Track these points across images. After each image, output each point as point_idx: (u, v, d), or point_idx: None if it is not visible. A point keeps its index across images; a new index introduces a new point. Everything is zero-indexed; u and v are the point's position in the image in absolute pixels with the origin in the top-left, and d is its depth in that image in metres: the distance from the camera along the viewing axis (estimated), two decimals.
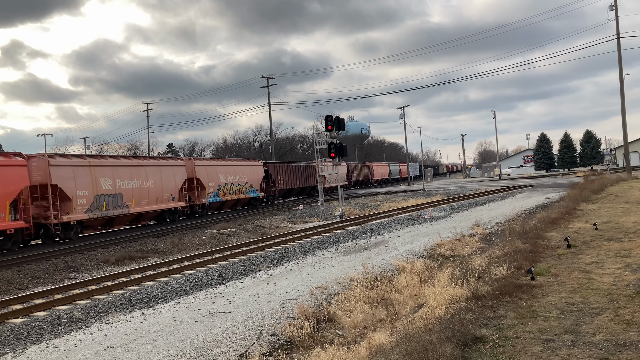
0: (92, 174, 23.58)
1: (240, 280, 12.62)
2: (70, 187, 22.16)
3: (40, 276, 15.18)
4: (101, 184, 23.92)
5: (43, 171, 21.46)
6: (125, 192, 25.27)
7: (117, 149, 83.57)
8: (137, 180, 26.19)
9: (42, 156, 22.01)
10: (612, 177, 39.08)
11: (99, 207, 23.70)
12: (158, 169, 28.09)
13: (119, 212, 24.81)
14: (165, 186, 28.23)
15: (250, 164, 38.14)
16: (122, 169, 25.67)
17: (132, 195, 25.77)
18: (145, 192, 26.70)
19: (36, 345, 8.32)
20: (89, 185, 23.20)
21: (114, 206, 24.48)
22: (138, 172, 26.56)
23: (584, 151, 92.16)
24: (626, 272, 8.93)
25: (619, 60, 44.55)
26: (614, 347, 5.65)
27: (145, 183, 26.77)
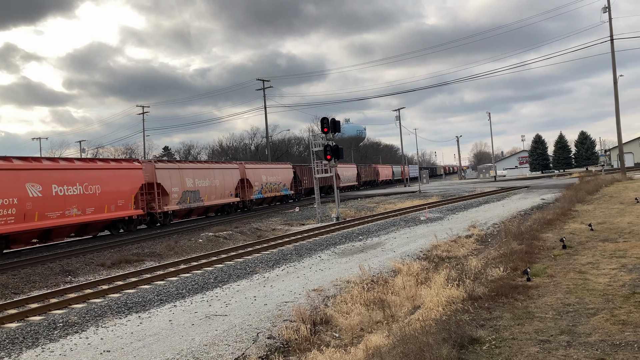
0: (180, 175, 29.88)
1: (236, 283, 12.61)
2: (168, 185, 28.51)
3: (36, 280, 15.11)
4: (186, 183, 30.21)
5: (150, 173, 27.67)
6: (201, 189, 31.48)
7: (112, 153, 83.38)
8: (208, 180, 32.35)
9: (149, 162, 28.95)
10: (607, 178, 39.24)
11: (185, 201, 30.00)
12: (221, 171, 34.42)
13: (197, 205, 31.24)
14: (226, 185, 34.52)
15: (283, 167, 44.32)
16: (199, 171, 31.98)
17: (205, 192, 31.96)
18: (214, 189, 32.97)
19: (32, 350, 8.29)
20: (179, 183, 29.53)
21: (193, 200, 30.71)
22: (209, 173, 32.72)
23: (579, 152, 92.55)
24: (621, 273, 8.96)
25: (612, 62, 44.78)
26: (609, 347, 5.67)
27: (213, 182, 32.95)
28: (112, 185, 24.55)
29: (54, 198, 21.31)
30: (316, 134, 31.56)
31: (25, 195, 20.10)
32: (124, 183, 25.46)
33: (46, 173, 21.47)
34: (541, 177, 70.31)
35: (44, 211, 20.73)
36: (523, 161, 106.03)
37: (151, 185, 27.44)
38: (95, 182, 23.63)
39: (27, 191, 20.24)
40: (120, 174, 25.54)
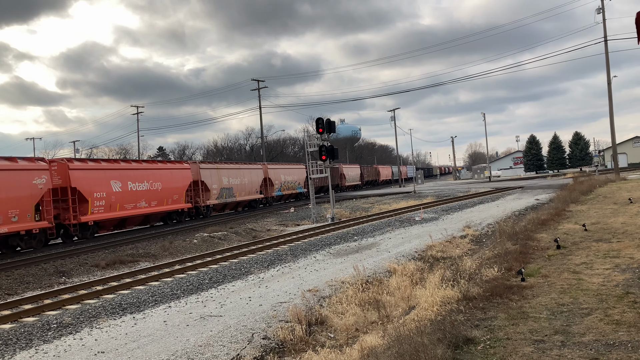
0: (218, 174, 34.31)
1: (231, 283, 12.59)
2: (209, 183, 33.12)
3: (30, 281, 15.04)
4: (223, 181, 34.52)
5: (195, 172, 32.18)
6: (234, 186, 35.91)
7: (107, 153, 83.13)
8: (239, 179, 36.74)
9: (194, 163, 33.45)
10: (601, 179, 39.42)
11: (222, 196, 34.46)
12: (249, 171, 38.46)
13: (231, 200, 35.73)
14: (253, 183, 38.76)
15: (298, 167, 49.15)
16: (232, 171, 36.44)
17: (237, 189, 36.38)
18: (243, 187, 37.32)
19: (25, 351, 8.25)
20: (217, 181, 34.01)
21: (228, 196, 35.19)
22: (239, 173, 37.18)
23: (573, 153, 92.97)
24: (615, 273, 9.01)
25: (606, 63, 45.00)
26: (603, 347, 5.69)
27: (243, 180, 37.28)
28: (169, 183, 29.23)
29: (130, 193, 26.16)
30: (311, 135, 31.61)
31: (111, 190, 25.01)
32: (178, 181, 30.04)
33: (124, 172, 26.37)
34: (535, 178, 70.57)
35: (123, 203, 25.67)
36: (517, 162, 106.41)
37: (196, 183, 32.24)
38: (158, 180, 28.27)
39: (112, 187, 25.10)
40: (175, 173, 30.15)
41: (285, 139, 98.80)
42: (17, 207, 19.98)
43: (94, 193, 23.94)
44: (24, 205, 20.19)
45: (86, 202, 23.51)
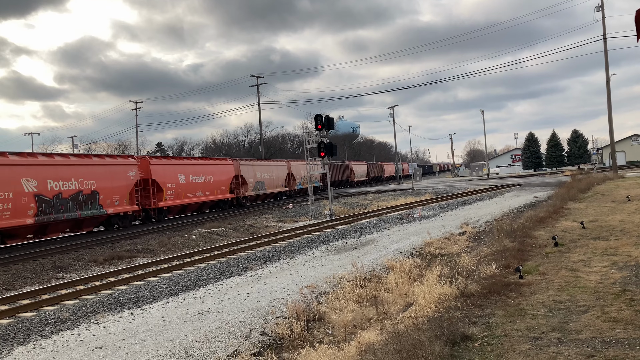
0: (253, 170, 39.69)
1: (229, 279, 12.59)
2: (247, 177, 38.59)
3: (27, 276, 15.03)
4: (257, 175, 39.97)
5: (237, 168, 37.37)
6: (265, 180, 41.28)
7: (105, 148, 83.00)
8: (269, 174, 41.98)
9: (235, 160, 38.52)
10: (599, 176, 39.47)
11: (256, 189, 40.01)
12: (276, 167, 43.41)
13: (263, 192, 41.06)
14: (279, 178, 44.04)
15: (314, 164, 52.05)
16: (264, 167, 41.88)
17: (267, 183, 41.68)
18: (272, 181, 42.48)
19: (23, 346, 8.25)
20: (253, 176, 39.44)
21: (260, 188, 40.68)
22: (269, 169, 42.54)
23: (571, 150, 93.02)
24: (612, 270, 9.03)
25: (605, 61, 45.01)
26: (600, 344, 5.71)
27: (272, 175, 42.66)
28: (218, 176, 34.53)
29: (191, 184, 31.38)
30: (310, 131, 31.64)
31: (178, 182, 30.19)
32: (224, 175, 35.38)
33: (187, 167, 31.87)
34: (534, 175, 70.63)
35: (186, 192, 30.86)
36: (516, 159, 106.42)
37: (237, 177, 37.26)
38: (210, 174, 33.43)
39: (179, 179, 30.29)
40: (222, 169, 35.38)
41: (284, 135, 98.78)
42: (118, 194, 25.69)
43: (167, 184, 29.24)
44: (122, 192, 26.00)
45: (162, 191, 28.81)
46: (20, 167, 20.88)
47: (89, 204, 23.79)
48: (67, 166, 23.20)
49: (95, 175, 24.39)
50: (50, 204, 21.68)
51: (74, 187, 23.07)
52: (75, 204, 22.99)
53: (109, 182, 24.98)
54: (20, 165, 20.93)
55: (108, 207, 24.92)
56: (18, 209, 20.14)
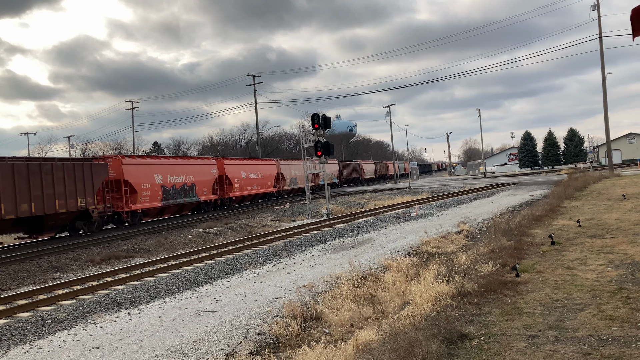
0: (289, 168, 47.61)
1: (226, 279, 12.59)
2: (285, 174, 46.53)
3: (24, 277, 15.00)
4: (292, 173, 47.90)
5: (277, 166, 45.05)
6: (297, 177, 48.29)
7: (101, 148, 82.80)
8: (300, 171, 46.22)
9: (276, 160, 46.70)
10: (595, 175, 39.58)
11: (291, 184, 47.90)
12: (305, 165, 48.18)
13: (296, 187, 48.89)
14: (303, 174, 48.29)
15: (333, 162, 60.95)
16: (296, 165, 47.72)
17: (299, 179, 48.35)
18: (302, 177, 46.59)
19: (20, 347, 8.23)
20: (289, 173, 47.35)
21: (294, 184, 48.38)
22: (300, 167, 44.41)
23: (567, 149, 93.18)
24: (609, 269, 9.06)
25: (601, 60, 45.12)
26: (597, 342, 5.73)
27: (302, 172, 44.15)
28: (266, 173, 42.99)
29: (249, 179, 39.73)
30: (307, 130, 31.70)
31: (241, 177, 38.59)
32: (269, 172, 43.60)
33: (247, 166, 40.29)
34: (530, 174, 70.78)
35: (245, 186, 39.24)
36: (512, 158, 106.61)
37: (277, 174, 44.72)
38: (261, 172, 42.03)
39: (242, 175, 38.76)
40: (268, 167, 43.85)
41: (280, 134, 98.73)
42: (206, 186, 33.82)
43: (234, 179, 37.61)
44: (208, 185, 34.11)
45: (231, 184, 37.18)
46: (153, 165, 29.34)
47: (190, 193, 31.94)
48: (177, 165, 31.84)
49: (193, 171, 32.52)
50: (169, 192, 29.91)
51: (182, 181, 31.21)
52: (182, 193, 31.08)
53: (200, 177, 33.18)
54: (153, 165, 29.53)
55: (200, 195, 33.08)
56: (153, 195, 28.46)
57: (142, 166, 28.37)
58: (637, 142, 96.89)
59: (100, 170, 24.71)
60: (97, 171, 24.34)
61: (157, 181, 28.78)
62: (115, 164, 26.41)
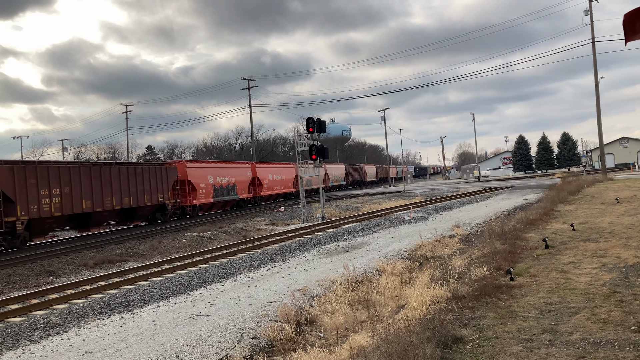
0: (324, 168, 52.09)
1: (221, 283, 12.55)
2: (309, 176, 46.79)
3: (16, 281, 14.90)
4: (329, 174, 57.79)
5: (295, 169, 45.32)
6: (312, 179, 47.74)
7: (95, 152, 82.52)
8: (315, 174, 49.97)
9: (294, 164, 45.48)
10: (589, 179, 39.77)
11: (308, 185, 47.63)
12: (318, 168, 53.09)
13: (310, 187, 49.55)
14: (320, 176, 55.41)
15: (339, 166, 68.80)
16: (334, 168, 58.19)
17: (314, 181, 48.81)
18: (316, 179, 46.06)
19: (12, 352, 8.16)
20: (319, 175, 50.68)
21: (309, 184, 49.18)
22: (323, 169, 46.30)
23: (561, 153, 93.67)
24: (602, 272, 9.09)
25: (594, 64, 45.41)
26: (590, 345, 5.74)
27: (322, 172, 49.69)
28: (288, 175, 47.78)
29: (274, 181, 44.76)
30: (302, 134, 31.77)
31: (269, 179, 43.83)
32: (290, 174, 47.99)
33: (272, 169, 45.56)
34: (524, 178, 71.05)
35: (272, 187, 44.33)
36: (506, 162, 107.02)
37: (296, 176, 46.23)
38: (284, 174, 47.22)
39: (269, 177, 44.00)
40: (289, 170, 48.24)
41: (275, 138, 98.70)
42: (244, 186, 39.34)
43: (264, 180, 42.52)
44: (245, 185, 39.66)
45: (261, 185, 42.19)
46: (206, 169, 35.31)
47: (232, 192, 37.33)
48: (223, 168, 37.38)
49: (234, 174, 38.01)
50: (218, 190, 35.20)
51: (226, 181, 36.53)
52: (227, 191, 36.46)
53: (240, 178, 38.80)
54: (207, 168, 35.55)
55: (240, 194, 38.55)
56: (207, 193, 34.10)
57: (200, 169, 34.55)
58: (630, 146, 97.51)
59: (172, 172, 30.76)
60: (170, 173, 30.38)
61: (209, 181, 34.72)
62: (180, 167, 32.28)
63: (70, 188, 22.77)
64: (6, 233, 19.97)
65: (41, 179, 21.41)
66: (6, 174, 19.98)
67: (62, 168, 22.98)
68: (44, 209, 21.42)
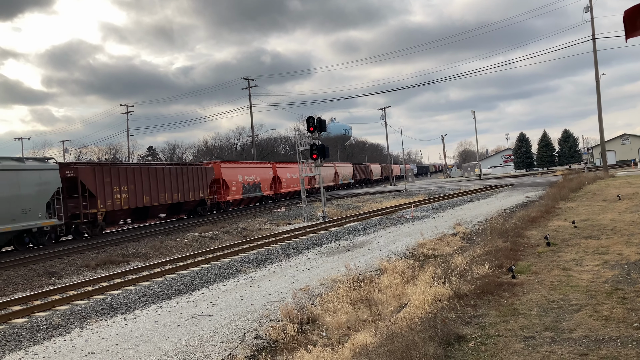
0: (336, 168, 62.61)
1: (223, 283, 12.56)
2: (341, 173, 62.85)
3: (19, 282, 14.92)
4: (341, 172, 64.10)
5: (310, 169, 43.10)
6: (324, 177, 47.01)
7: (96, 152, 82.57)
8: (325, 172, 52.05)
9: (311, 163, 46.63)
10: (590, 176, 39.73)
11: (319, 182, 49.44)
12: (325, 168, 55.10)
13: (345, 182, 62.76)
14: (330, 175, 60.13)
15: (347, 165, 72.88)
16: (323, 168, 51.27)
17: (325, 178, 53.76)
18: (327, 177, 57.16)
19: (15, 353, 8.18)
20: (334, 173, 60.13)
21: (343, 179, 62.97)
22: (325, 168, 52.03)
23: (562, 150, 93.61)
24: (604, 269, 9.09)
25: (594, 61, 45.36)
26: (593, 342, 5.74)
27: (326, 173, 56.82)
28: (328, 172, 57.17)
29: (291, 179, 47.29)
30: (302, 134, 31.79)
31: (287, 177, 46.85)
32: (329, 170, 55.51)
33: (290, 168, 47.78)
34: (525, 175, 71.00)
35: (289, 185, 47.23)
36: (507, 159, 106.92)
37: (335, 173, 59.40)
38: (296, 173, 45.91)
39: (287, 175, 46.89)
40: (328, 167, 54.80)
41: (276, 137, 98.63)
42: (267, 184, 42.93)
43: (283, 179, 45.55)
44: (267, 183, 43.19)
45: (280, 183, 45.55)
46: (237, 169, 39.39)
47: (257, 189, 41.02)
48: (250, 168, 41.52)
49: (259, 173, 41.73)
50: (246, 188, 39.23)
51: (252, 180, 40.19)
52: (253, 188, 40.09)
53: (263, 177, 42.35)
54: (237, 168, 39.64)
55: (264, 191, 42.23)
56: (237, 190, 38.04)
57: (231, 169, 38.62)
58: (631, 143, 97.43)
59: (210, 172, 34.88)
60: (209, 173, 34.54)
61: (239, 180, 38.82)
62: (216, 168, 36.22)
63: (135, 185, 27.05)
64: (90, 222, 24.37)
65: (114, 177, 25.71)
66: (90, 174, 24.41)
67: (129, 169, 27.33)
68: (116, 202, 25.76)
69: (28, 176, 20.51)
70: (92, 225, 24.58)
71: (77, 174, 23.86)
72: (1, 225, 19.11)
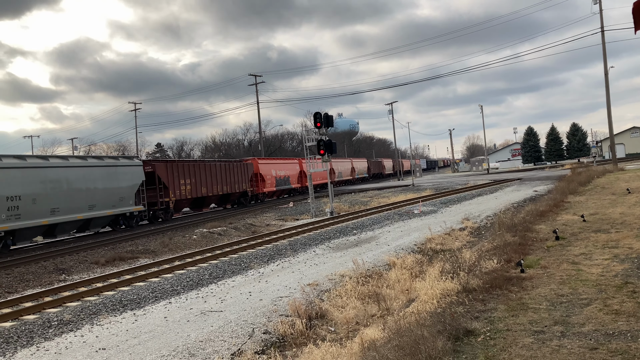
0: (337, 164, 60.08)
1: (231, 279, 12.61)
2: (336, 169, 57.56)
3: (30, 279, 15.05)
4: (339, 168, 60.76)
5: (330, 163, 45.33)
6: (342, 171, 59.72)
7: (105, 150, 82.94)
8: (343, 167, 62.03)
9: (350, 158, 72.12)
10: (599, 169, 39.45)
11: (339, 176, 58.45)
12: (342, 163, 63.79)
13: (342, 179, 60.85)
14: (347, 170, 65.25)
15: (361, 160, 78.58)
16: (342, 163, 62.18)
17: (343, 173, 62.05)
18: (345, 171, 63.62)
19: (26, 349, 8.26)
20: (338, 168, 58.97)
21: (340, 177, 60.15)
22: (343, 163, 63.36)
23: (570, 144, 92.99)
24: (614, 263, 9.04)
25: (603, 54, 44.98)
26: (603, 337, 5.71)
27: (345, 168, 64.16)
28: (345, 167, 63.10)
29: (319, 173, 45.84)
30: (309, 129, 31.72)
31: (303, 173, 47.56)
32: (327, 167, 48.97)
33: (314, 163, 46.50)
34: (533, 169, 70.64)
35: (314, 178, 42.42)
36: (515, 153, 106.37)
37: (331, 169, 52.63)
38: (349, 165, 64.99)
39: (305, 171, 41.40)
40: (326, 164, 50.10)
41: (283, 133, 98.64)
42: (295, 178, 47.22)
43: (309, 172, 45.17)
44: (295, 177, 47.38)
45: (305, 177, 45.59)
46: (271, 164, 43.93)
47: (287, 182, 45.36)
48: (281, 163, 45.80)
49: (288, 168, 46.23)
50: (278, 181, 43.52)
51: (283, 174, 44.68)
52: (283, 182, 44.36)
53: (292, 172, 46.88)
54: (271, 164, 44.04)
55: (292, 184, 46.56)
56: (271, 183, 42.47)
57: (267, 165, 43.06)
58: None
59: (250, 167, 39.36)
60: (249, 168, 39.12)
61: (273, 174, 43.24)
62: (254, 163, 40.72)
63: (195, 179, 31.86)
64: (164, 209, 29.52)
65: (180, 172, 30.55)
66: (164, 168, 29.45)
67: (191, 164, 32.39)
68: (182, 193, 30.61)
69: (123, 171, 25.73)
70: (165, 212, 29.57)
71: (154, 169, 28.61)
72: (107, 209, 24.27)
